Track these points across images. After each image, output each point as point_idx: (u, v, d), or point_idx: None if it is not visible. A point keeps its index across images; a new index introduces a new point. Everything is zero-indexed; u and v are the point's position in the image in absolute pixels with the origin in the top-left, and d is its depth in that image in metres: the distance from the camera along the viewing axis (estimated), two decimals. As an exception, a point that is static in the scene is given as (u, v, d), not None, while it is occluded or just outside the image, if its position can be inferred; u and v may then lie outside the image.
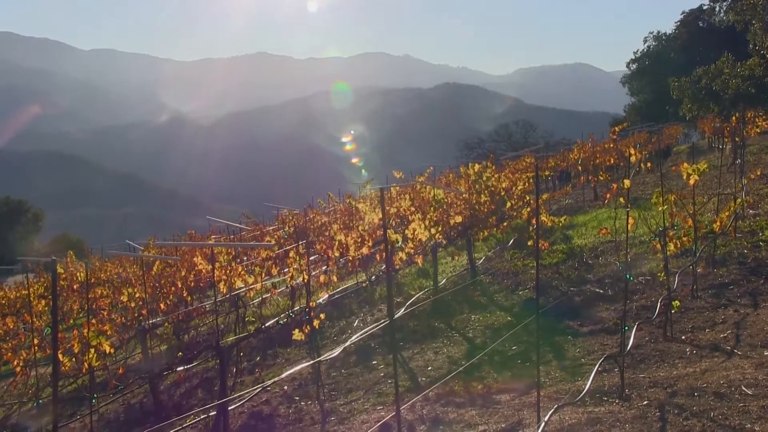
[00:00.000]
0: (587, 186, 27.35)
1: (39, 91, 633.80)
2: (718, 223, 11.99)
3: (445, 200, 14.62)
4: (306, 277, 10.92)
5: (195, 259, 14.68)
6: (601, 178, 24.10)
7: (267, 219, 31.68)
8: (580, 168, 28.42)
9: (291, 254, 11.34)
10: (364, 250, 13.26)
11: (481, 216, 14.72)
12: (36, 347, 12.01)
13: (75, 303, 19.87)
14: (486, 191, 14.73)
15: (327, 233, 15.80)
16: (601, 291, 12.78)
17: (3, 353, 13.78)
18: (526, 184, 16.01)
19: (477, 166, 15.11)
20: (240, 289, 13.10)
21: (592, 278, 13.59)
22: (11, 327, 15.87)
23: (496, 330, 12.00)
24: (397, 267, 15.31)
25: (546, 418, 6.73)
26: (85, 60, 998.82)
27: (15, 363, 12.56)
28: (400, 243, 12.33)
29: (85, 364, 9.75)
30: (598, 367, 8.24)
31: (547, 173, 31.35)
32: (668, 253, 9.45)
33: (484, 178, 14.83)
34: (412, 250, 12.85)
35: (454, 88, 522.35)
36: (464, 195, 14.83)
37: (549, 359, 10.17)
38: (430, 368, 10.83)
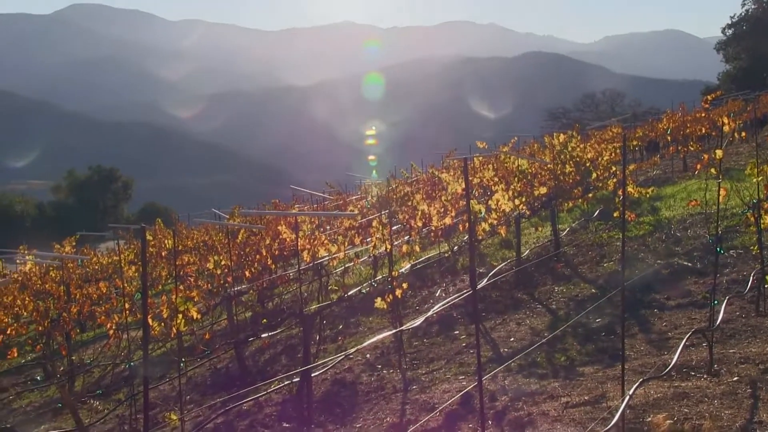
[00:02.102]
0: (676, 156, 26.67)
1: (129, 61, 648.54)
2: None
3: (530, 171, 14.44)
4: (388, 246, 10.94)
5: (279, 227, 14.83)
6: (692, 149, 23.46)
7: (350, 188, 31.83)
8: (669, 138, 27.72)
9: (374, 224, 11.37)
10: (447, 221, 13.20)
11: (565, 187, 14.50)
12: (127, 311, 12.34)
13: (163, 269, 20.34)
14: (571, 162, 14.49)
15: (410, 203, 15.78)
16: (690, 264, 12.49)
17: (97, 316, 14.23)
18: (613, 154, 15.67)
19: (562, 136, 14.86)
20: (323, 257, 13.21)
21: (680, 251, 13.29)
22: (104, 291, 16.36)
23: (580, 302, 11.85)
24: (480, 237, 15.22)
25: (630, 392, 6.62)
26: (173, 30, 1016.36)
27: (108, 326, 12.94)
28: (483, 213, 12.22)
29: (174, 329, 9.97)
30: (686, 341, 8.05)
31: (634, 143, 30.69)
32: (762, 226, 9.14)
33: (569, 149, 14.58)
34: (495, 221, 12.72)
35: (540, 56, 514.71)
36: (549, 165, 14.62)
37: (634, 332, 10.01)
38: (512, 339, 10.77)
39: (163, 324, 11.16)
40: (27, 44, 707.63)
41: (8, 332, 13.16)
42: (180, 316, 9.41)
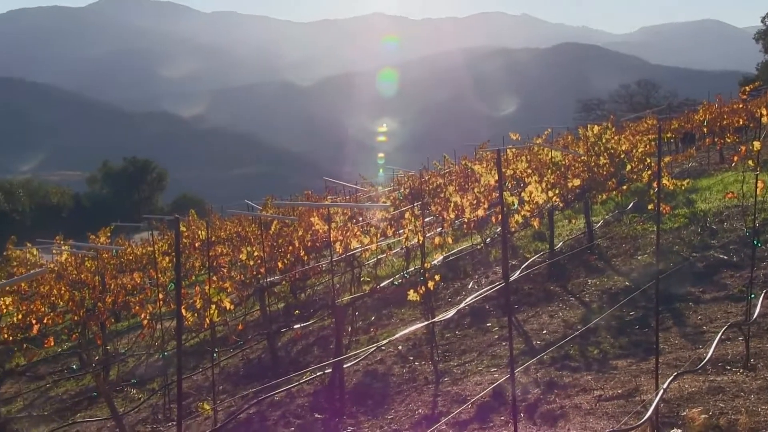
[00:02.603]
0: (712, 148, 26.35)
1: (162, 53, 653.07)
2: None
3: (563, 162, 14.35)
4: (421, 238, 10.94)
5: (312, 219, 14.88)
6: (728, 140, 23.18)
7: (385, 180, 31.89)
8: (705, 130, 27.38)
9: (406, 215, 11.37)
10: (480, 212, 13.15)
11: (599, 179, 14.39)
12: (161, 302, 12.43)
13: (197, 260, 20.49)
14: (605, 153, 14.37)
15: (442, 195, 15.75)
16: (726, 257, 12.35)
17: (131, 306, 14.36)
18: (648, 146, 15.52)
19: (596, 128, 14.74)
20: (355, 249, 13.22)
21: (715, 244, 13.14)
22: (138, 282, 16.48)
23: (614, 295, 11.77)
24: (513, 229, 15.15)
25: (665, 386, 6.57)
26: (206, 22, 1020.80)
27: (142, 316, 13.03)
28: (516, 205, 12.17)
29: (207, 320, 10.05)
30: (721, 335, 7.97)
31: (669, 135, 30.39)
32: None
33: (604, 140, 14.46)
34: (528, 213, 12.66)
35: (574, 48, 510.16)
36: (582, 157, 14.52)
37: (668, 326, 9.93)
38: (545, 331, 10.72)
39: (196, 314, 11.25)
40: (62, 37, 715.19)
41: (45, 321, 13.29)
42: (213, 306, 9.49)
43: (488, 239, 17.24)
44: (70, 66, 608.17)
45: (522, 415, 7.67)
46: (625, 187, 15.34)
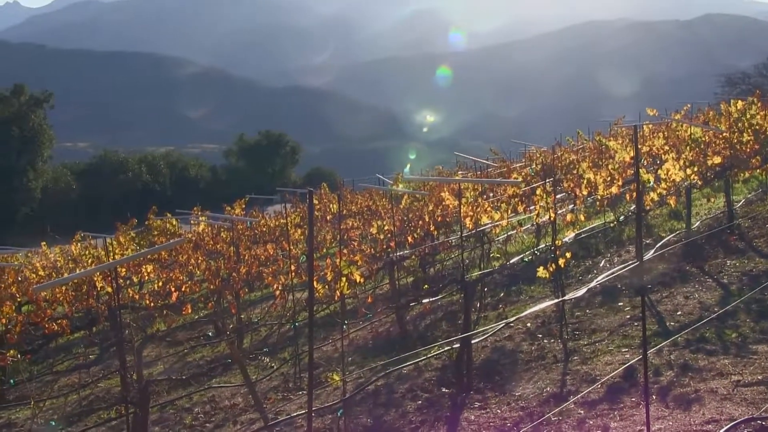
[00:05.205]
0: None
1: (295, 27, 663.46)
2: None
3: (703, 139, 13.84)
4: (552, 215, 10.79)
5: (442, 194, 14.88)
6: None
7: (514, 156, 31.58)
8: None
9: (538, 192, 11.22)
10: (614, 189, 12.84)
11: (742, 156, 13.81)
12: (293, 273, 12.73)
13: (328, 233, 20.81)
14: (749, 130, 13.77)
15: (575, 171, 15.46)
16: None
17: (264, 277, 14.76)
18: (796, 122, 14.80)
19: (740, 103, 14.14)
20: (485, 225, 13.15)
21: None
22: (271, 253, 16.92)
23: (755, 277, 11.30)
24: (648, 207, 14.76)
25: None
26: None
27: (275, 287, 13.39)
28: (651, 183, 11.82)
29: (337, 292, 10.22)
30: None
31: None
32: None
33: (748, 116, 13.86)
34: (664, 191, 12.28)
35: (718, 18, 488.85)
36: (724, 134, 13.96)
37: (815, 311, 9.48)
38: (679, 313, 10.42)
39: (327, 286, 11.48)
40: (198, 14, 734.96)
41: (183, 289, 13.84)
42: (344, 279, 9.63)
43: (621, 217, 16.84)
44: (208, 42, 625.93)
45: (654, 397, 7.51)
46: (769, 165, 14.71)
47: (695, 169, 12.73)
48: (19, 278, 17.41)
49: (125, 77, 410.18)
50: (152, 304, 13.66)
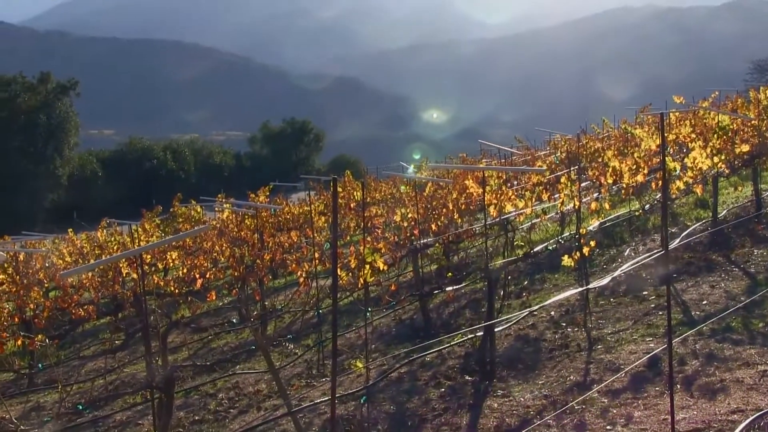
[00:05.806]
0: None
1: (321, 15, 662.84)
2: None
3: (731, 127, 13.69)
4: (577, 203, 10.75)
5: (466, 182, 14.82)
6: None
7: (538, 143, 31.41)
8: None
9: (562, 180, 11.17)
10: (639, 178, 12.74)
11: (770, 144, 13.68)
12: (317, 260, 12.76)
13: (352, 221, 20.79)
14: (778, 117, 13.65)
15: (600, 159, 15.37)
16: None
17: (288, 264, 14.80)
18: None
19: (769, 90, 14.01)
20: (510, 213, 13.11)
21: None
22: (295, 240, 16.95)
23: (782, 267, 11.21)
24: (673, 196, 14.64)
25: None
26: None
27: (299, 274, 13.41)
28: (677, 171, 11.73)
29: (361, 279, 10.24)
30: None
31: None
32: None
33: (777, 104, 13.74)
34: (690, 179, 12.18)
35: (748, 2, 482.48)
36: (753, 121, 13.82)
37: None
38: (704, 302, 10.35)
39: (350, 274, 11.49)
40: (225, 2, 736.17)
41: (207, 276, 13.91)
42: (367, 266, 9.65)
43: (647, 206, 16.73)
44: (234, 30, 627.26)
45: (678, 386, 7.47)
46: (798, 153, 14.54)
47: (722, 157, 12.61)
48: (47, 264, 17.59)
49: (151, 65, 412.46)
50: (177, 291, 13.71)
